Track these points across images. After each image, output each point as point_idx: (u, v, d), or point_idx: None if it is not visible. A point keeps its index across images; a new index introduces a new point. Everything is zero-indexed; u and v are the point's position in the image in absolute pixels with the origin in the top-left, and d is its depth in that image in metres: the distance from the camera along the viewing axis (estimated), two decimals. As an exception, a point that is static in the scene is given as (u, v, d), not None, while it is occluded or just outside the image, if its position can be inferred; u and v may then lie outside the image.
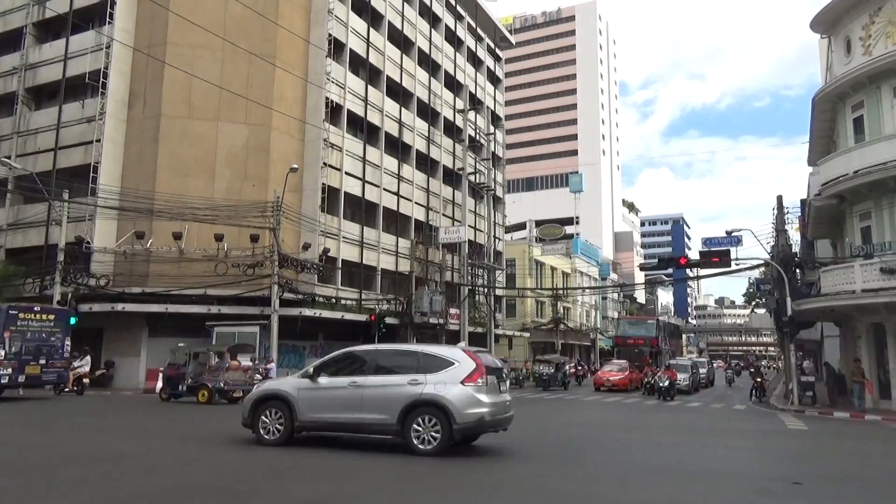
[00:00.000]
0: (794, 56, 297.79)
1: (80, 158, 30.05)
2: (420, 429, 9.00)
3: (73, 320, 25.26)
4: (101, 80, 29.81)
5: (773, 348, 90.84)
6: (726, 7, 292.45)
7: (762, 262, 30.00)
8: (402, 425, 9.04)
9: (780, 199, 29.10)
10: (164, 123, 29.91)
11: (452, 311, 39.13)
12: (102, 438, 11.83)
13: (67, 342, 20.90)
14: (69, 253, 26.88)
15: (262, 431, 10.02)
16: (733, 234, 29.23)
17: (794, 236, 35.48)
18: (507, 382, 10.11)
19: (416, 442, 8.92)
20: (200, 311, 27.52)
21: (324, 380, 9.95)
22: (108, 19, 30.48)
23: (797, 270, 27.27)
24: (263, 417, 10.05)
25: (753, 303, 74.16)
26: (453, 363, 9.37)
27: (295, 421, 9.83)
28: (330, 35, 33.62)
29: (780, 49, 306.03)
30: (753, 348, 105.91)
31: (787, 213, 30.60)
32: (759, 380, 28.43)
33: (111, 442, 11.23)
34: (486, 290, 44.35)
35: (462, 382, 9.06)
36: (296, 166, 28.73)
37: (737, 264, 27.93)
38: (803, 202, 34.11)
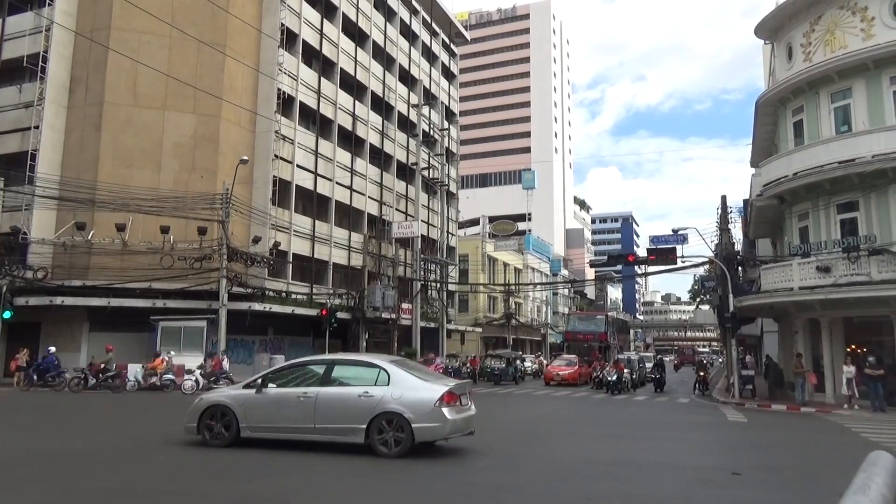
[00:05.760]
0: (732, 61, 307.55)
1: (16, 145, 28.77)
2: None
3: (7, 314, 24.30)
4: (41, 63, 28.58)
5: (715, 343, 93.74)
6: (662, 12, 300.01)
7: (706, 259, 30.87)
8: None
9: (724, 199, 29.97)
10: (108, 111, 28.88)
11: (405, 305, 39.05)
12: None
13: None
14: (4, 244, 25.78)
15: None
16: (679, 232, 29.96)
17: (737, 235, 36.65)
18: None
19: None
20: (145, 305, 26.76)
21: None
22: (47, 0, 29.23)
23: (739, 268, 28.15)
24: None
25: (698, 299, 76.26)
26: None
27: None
28: (282, 25, 33.02)
29: (717, 54, 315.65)
30: (698, 343, 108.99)
31: (731, 212, 31.57)
32: (701, 374, 29.32)
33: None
34: (438, 285, 44.42)
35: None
36: (246, 158, 28.15)
37: (682, 262, 28.64)
38: (746, 202, 35.23)
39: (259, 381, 10.33)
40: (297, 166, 33.66)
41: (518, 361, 37.30)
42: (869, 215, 21.65)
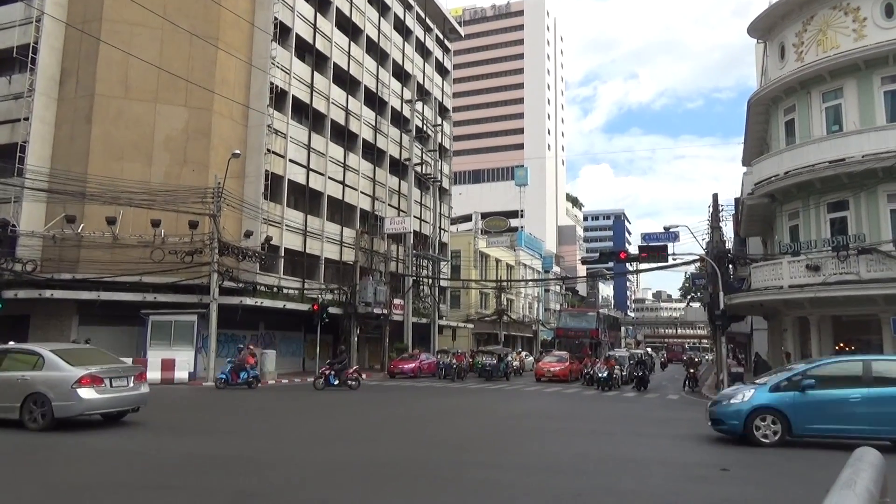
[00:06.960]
0: (723, 60, 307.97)
1: (5, 137, 28.55)
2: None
3: (-4, 307, 24.14)
4: (31, 55, 28.33)
5: (706, 341, 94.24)
6: (654, 10, 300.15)
7: (697, 257, 31.03)
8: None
9: (715, 197, 30.11)
10: (98, 103, 28.68)
11: (397, 301, 39.06)
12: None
13: None
14: (-7, 236, 25.55)
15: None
16: (671, 230, 30.08)
17: (728, 233, 36.82)
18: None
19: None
20: (135, 299, 26.65)
21: None
22: (38, -9, 28.96)
23: (730, 266, 28.31)
24: None
25: (689, 297, 76.65)
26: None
27: None
28: (276, 18, 32.86)
29: (708, 53, 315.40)
30: (688, 341, 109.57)
31: (722, 210, 31.71)
32: (691, 371, 29.47)
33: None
34: (430, 281, 44.43)
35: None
36: (238, 152, 28.02)
37: (674, 259, 28.80)
38: (737, 201, 35.39)
39: None
40: (290, 161, 33.55)
41: (508, 357, 37.37)
42: (859, 214, 21.81)
